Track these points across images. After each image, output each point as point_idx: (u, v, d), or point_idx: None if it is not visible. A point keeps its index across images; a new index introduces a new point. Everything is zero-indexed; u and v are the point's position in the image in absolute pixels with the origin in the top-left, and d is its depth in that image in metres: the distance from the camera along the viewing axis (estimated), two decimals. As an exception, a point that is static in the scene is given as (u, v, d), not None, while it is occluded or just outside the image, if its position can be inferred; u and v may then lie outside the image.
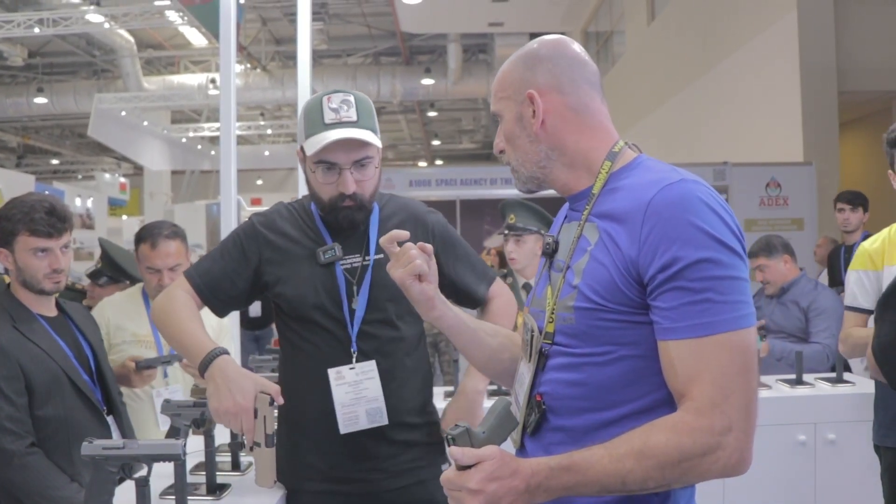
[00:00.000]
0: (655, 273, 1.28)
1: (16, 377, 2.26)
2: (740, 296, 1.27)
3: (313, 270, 2.09)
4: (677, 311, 1.27)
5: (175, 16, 13.57)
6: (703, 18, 10.09)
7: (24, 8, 14.56)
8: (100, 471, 1.82)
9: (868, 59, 7.62)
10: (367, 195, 2.07)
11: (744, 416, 1.24)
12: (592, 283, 1.36)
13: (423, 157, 30.73)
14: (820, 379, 3.79)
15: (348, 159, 2.02)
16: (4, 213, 2.38)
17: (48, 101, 18.87)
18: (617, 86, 14.43)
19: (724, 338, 1.25)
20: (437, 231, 2.20)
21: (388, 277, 2.06)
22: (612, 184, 1.43)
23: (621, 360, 1.35)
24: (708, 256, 1.25)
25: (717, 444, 1.22)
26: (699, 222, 1.27)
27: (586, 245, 1.40)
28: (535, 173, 1.50)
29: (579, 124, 1.46)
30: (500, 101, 1.52)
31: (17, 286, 2.43)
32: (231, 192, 3.88)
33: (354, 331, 2.08)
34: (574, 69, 1.48)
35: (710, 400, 1.23)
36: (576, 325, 1.39)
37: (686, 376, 1.26)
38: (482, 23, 15.91)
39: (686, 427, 1.23)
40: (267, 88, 18.49)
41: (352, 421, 2.06)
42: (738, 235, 1.31)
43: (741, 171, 7.52)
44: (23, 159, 26.45)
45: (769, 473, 3.48)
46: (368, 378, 2.06)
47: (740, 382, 1.24)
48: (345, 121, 2.01)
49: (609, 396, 1.35)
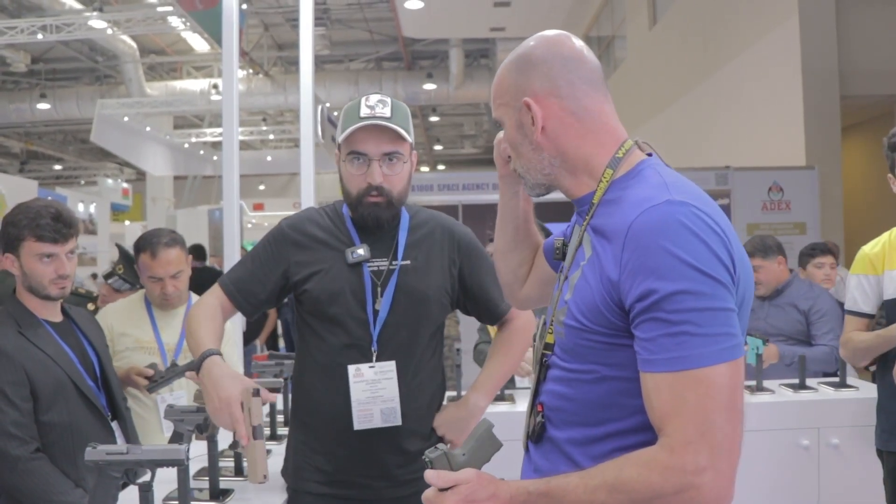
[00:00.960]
0: (634, 302, 1.24)
1: (21, 383, 2.27)
2: (721, 328, 1.20)
3: (341, 270, 2.12)
4: (654, 342, 1.21)
5: (177, 21, 13.60)
6: (705, 23, 10.10)
7: (28, 14, 14.60)
8: (104, 476, 1.83)
9: (870, 63, 7.62)
10: (395, 191, 2.10)
11: (722, 455, 1.17)
12: (580, 302, 1.34)
13: (426, 162, 30.75)
14: (823, 383, 3.79)
15: (377, 150, 2.06)
16: (11, 218, 2.39)
17: (51, 107, 18.93)
18: (618, 91, 14.43)
19: (701, 373, 1.18)
20: (463, 243, 2.24)
21: (414, 284, 2.13)
22: (612, 193, 1.37)
23: (605, 380, 1.32)
24: (685, 288, 1.19)
25: (690, 483, 1.16)
26: (677, 250, 1.20)
27: (581, 259, 1.39)
28: (541, 180, 1.47)
29: (580, 129, 1.41)
30: (500, 107, 1.49)
31: (23, 291, 2.44)
32: (233, 198, 3.89)
33: (376, 331, 2.11)
34: (570, 70, 1.41)
35: (684, 438, 1.17)
36: (566, 341, 1.38)
37: (662, 411, 1.21)
38: (484, 28, 15.93)
39: (658, 465, 1.19)
40: (269, 94, 18.52)
41: (366, 419, 2.09)
42: (725, 262, 1.24)
43: (743, 175, 7.51)
44: (26, 165, 26.50)
45: (772, 478, 3.48)
46: (387, 378, 2.09)
47: (719, 420, 1.18)
48: (378, 115, 2.05)
49: (596, 413, 1.34)
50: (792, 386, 3.77)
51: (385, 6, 15.81)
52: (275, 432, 2.96)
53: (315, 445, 2.14)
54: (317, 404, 2.15)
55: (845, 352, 3.09)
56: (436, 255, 2.19)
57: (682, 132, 11.03)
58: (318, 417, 2.15)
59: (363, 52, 19.43)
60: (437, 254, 2.19)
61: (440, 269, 2.19)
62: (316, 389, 2.14)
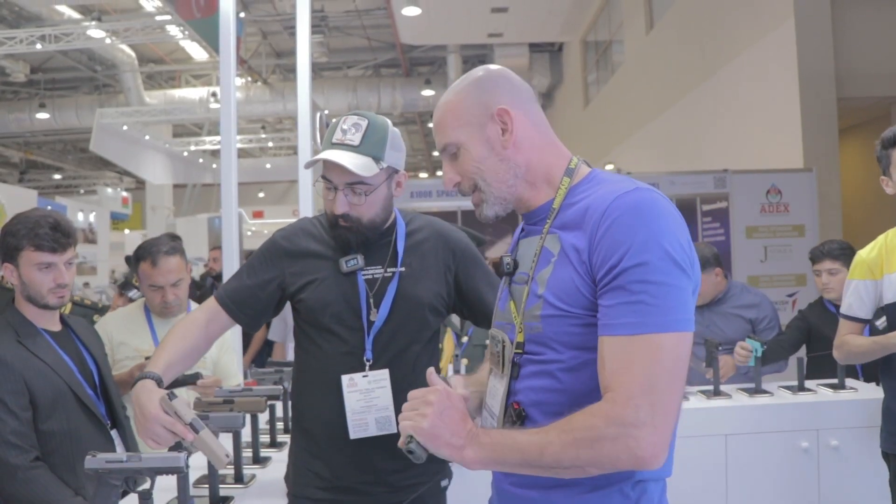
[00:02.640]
0: (603, 274, 1.34)
1: (20, 392, 2.27)
2: (675, 302, 1.30)
3: (336, 279, 2.14)
4: (614, 309, 1.32)
5: (176, 30, 13.63)
6: (702, 27, 10.12)
7: (27, 24, 14.62)
8: (103, 484, 1.83)
9: (867, 65, 7.63)
10: (363, 218, 2.10)
11: (660, 414, 1.26)
12: (557, 290, 1.41)
13: (424, 169, 30.79)
14: (822, 385, 3.79)
15: (340, 180, 2.06)
16: (9, 228, 2.40)
17: (50, 117, 18.95)
18: (616, 95, 14.45)
19: (652, 338, 1.29)
20: (458, 249, 2.25)
21: (409, 290, 2.13)
22: (571, 198, 1.48)
23: (587, 364, 1.39)
24: (647, 260, 1.30)
25: (626, 433, 1.25)
26: (646, 228, 1.32)
27: (549, 256, 1.45)
28: (504, 193, 1.53)
29: (541, 141, 1.53)
30: (456, 129, 1.52)
31: (22, 301, 2.44)
32: (232, 206, 3.90)
33: (370, 339, 2.12)
34: (522, 90, 1.54)
35: (628, 392, 1.27)
36: (543, 333, 1.43)
37: (612, 370, 1.30)
38: (482, 34, 15.97)
39: (601, 413, 1.28)
40: (268, 101, 18.56)
41: (361, 428, 2.10)
42: (685, 247, 1.35)
43: (741, 178, 7.52)
44: (25, 174, 26.53)
45: (772, 480, 3.48)
46: (380, 387, 2.10)
47: (662, 383, 1.27)
48: (346, 143, 2.05)
49: (582, 399, 1.37)
50: (791, 388, 3.77)
51: (383, 13, 15.85)
52: (274, 439, 2.96)
53: (314, 451, 2.15)
54: (314, 412, 2.16)
55: (839, 354, 3.09)
56: (431, 261, 2.20)
57: (680, 135, 11.04)
58: (315, 425, 2.16)
59: (361, 59, 19.47)
60: (432, 260, 2.20)
61: (436, 276, 2.19)
62: (313, 397, 2.16)
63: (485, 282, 2.26)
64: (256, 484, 2.50)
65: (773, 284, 7.25)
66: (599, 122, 15.71)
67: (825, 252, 4.09)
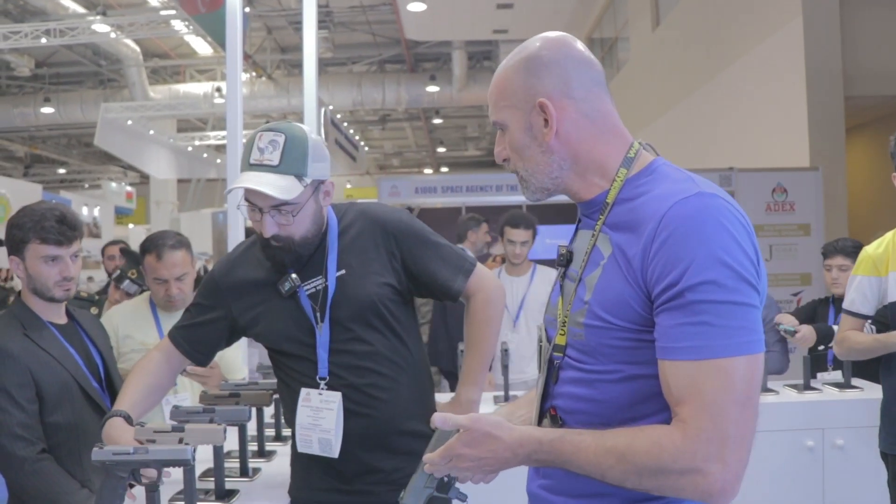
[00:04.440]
0: (661, 291, 1.24)
1: (27, 384, 2.27)
2: (742, 322, 1.21)
3: (282, 304, 2.10)
4: (675, 330, 1.22)
5: (181, 25, 13.64)
6: (708, 24, 10.09)
7: (31, 19, 14.65)
8: (110, 476, 1.83)
9: (874, 64, 7.60)
10: (295, 236, 2.01)
11: (731, 449, 1.19)
12: (603, 300, 1.32)
13: (429, 165, 30.78)
14: (828, 384, 3.79)
15: (265, 204, 1.97)
16: (15, 221, 2.39)
17: (55, 111, 18.98)
18: (622, 92, 14.43)
19: (719, 363, 1.20)
20: (397, 231, 2.13)
21: (349, 293, 2.06)
22: (629, 191, 1.37)
23: (631, 379, 1.32)
24: (712, 279, 1.20)
25: (698, 469, 1.18)
26: (708, 242, 1.22)
27: (599, 258, 1.36)
28: (547, 184, 1.43)
29: (593, 131, 1.39)
30: (504, 109, 1.43)
31: (28, 294, 2.44)
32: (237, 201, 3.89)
33: (322, 356, 2.07)
34: (582, 71, 1.40)
35: (698, 425, 1.19)
36: (586, 342, 1.35)
37: (679, 398, 1.22)
38: (486, 30, 15.94)
39: (670, 443, 1.20)
40: (272, 97, 18.55)
41: (306, 443, 2.08)
42: (752, 258, 1.25)
43: (747, 176, 7.50)
44: (30, 169, 26.57)
45: (777, 479, 3.48)
46: (328, 409, 2.05)
47: (733, 412, 1.19)
48: (265, 163, 1.95)
49: (621, 413, 1.32)
50: (796, 387, 3.77)
51: (388, 9, 15.83)
52: (279, 433, 2.95)
53: (316, 459, 2.12)
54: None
55: (840, 350, 3.09)
56: (372, 254, 2.11)
57: (685, 134, 11.02)
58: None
59: (366, 54, 19.45)
60: (373, 253, 2.11)
61: (380, 267, 2.10)
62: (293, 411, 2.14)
63: (434, 257, 2.15)
64: (261, 477, 2.51)
65: (779, 283, 7.23)
66: (604, 120, 15.63)
67: (838, 248, 4.11)
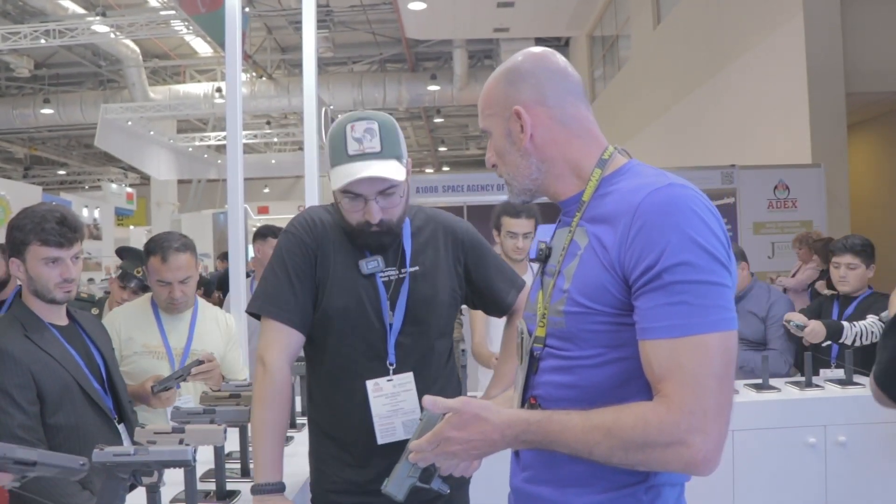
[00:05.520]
0: (639, 275, 1.31)
1: (28, 386, 2.27)
2: (718, 300, 1.28)
3: (358, 281, 2.07)
4: (654, 311, 1.29)
5: (180, 25, 13.64)
6: (710, 21, 10.08)
7: (31, 19, 14.66)
8: (111, 477, 1.83)
9: (875, 61, 7.60)
10: (394, 220, 2.05)
11: (712, 419, 1.25)
12: (582, 286, 1.39)
13: (430, 164, 30.77)
14: (830, 381, 3.78)
15: (372, 191, 1.99)
16: (16, 222, 2.39)
17: (55, 112, 19.00)
18: (623, 90, 14.42)
19: (698, 339, 1.26)
20: (466, 240, 2.21)
21: (423, 290, 2.10)
22: (603, 189, 1.46)
23: (612, 362, 1.38)
24: (687, 260, 1.27)
25: (682, 440, 1.25)
26: (683, 226, 1.29)
27: (576, 249, 1.44)
28: (528, 185, 1.54)
29: (567, 135, 1.50)
30: (488, 118, 1.56)
31: (29, 295, 2.44)
32: (238, 201, 3.88)
33: (392, 343, 2.07)
34: (557, 82, 1.51)
35: (680, 399, 1.25)
36: (566, 329, 1.42)
37: (660, 374, 1.28)
38: (487, 29, 15.94)
39: (655, 416, 1.26)
40: (273, 97, 18.56)
41: (389, 432, 2.06)
42: (724, 243, 1.33)
43: (749, 173, 7.50)
44: (30, 170, 26.58)
45: (779, 476, 3.47)
46: (406, 390, 2.06)
47: (713, 385, 1.25)
48: (368, 152, 1.97)
49: (602, 398, 1.36)
50: (798, 384, 3.76)
51: (388, 8, 15.83)
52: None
53: (346, 459, 2.10)
54: (339, 418, 2.11)
55: None
56: (441, 256, 2.16)
57: (687, 131, 11.02)
58: (344, 432, 2.11)
59: (367, 54, 19.45)
60: (442, 255, 2.16)
61: (447, 271, 2.16)
62: (336, 403, 2.11)
63: (494, 270, 2.24)
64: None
65: (780, 280, 7.22)
66: (605, 118, 15.67)
67: (847, 247, 4.13)
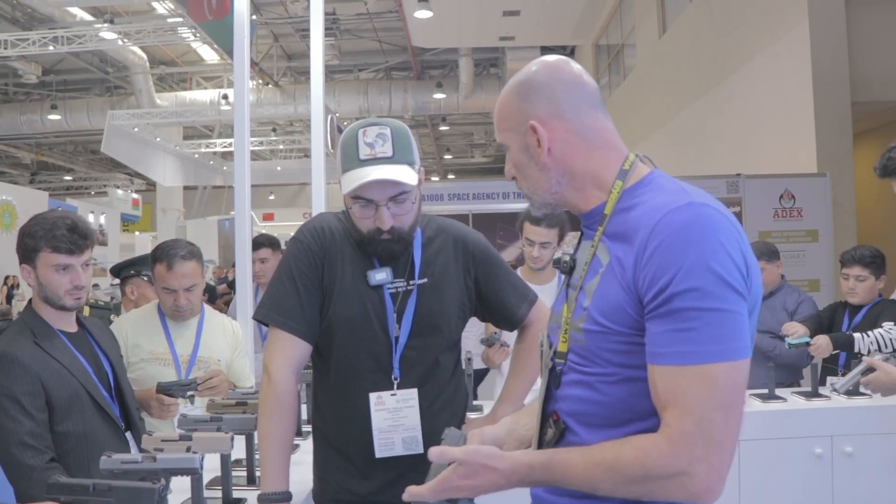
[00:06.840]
0: (651, 298, 1.28)
1: (37, 393, 2.27)
2: (728, 329, 1.25)
3: (365, 292, 2.05)
4: (662, 336, 1.27)
5: (188, 32, 13.69)
6: (715, 30, 10.09)
7: (39, 26, 14.73)
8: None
9: (881, 69, 7.58)
10: (405, 227, 2.03)
11: (715, 451, 1.23)
12: (601, 305, 1.37)
13: (436, 172, 30.79)
14: (836, 391, 3.78)
15: (384, 196, 1.97)
16: (27, 229, 2.40)
17: (62, 118, 19.08)
18: (629, 99, 14.43)
19: (704, 369, 1.24)
20: (477, 252, 2.18)
21: (431, 303, 2.07)
22: (626, 202, 1.42)
23: (627, 381, 1.36)
24: (698, 286, 1.24)
25: (684, 471, 1.23)
26: (698, 250, 1.26)
27: (598, 266, 1.41)
28: (548, 199, 1.51)
29: (586, 147, 1.46)
30: (504, 132, 1.53)
31: (39, 302, 2.44)
32: (245, 208, 3.90)
33: (397, 357, 2.05)
34: (572, 92, 1.46)
35: (682, 429, 1.23)
36: (586, 346, 1.40)
37: (665, 402, 1.27)
38: (493, 37, 15.97)
39: (655, 450, 1.25)
40: (279, 104, 18.63)
41: (387, 447, 2.05)
42: (741, 267, 1.28)
43: (755, 182, 7.48)
44: (36, 176, 26.69)
45: (786, 486, 3.47)
46: (408, 406, 2.04)
47: (717, 416, 1.23)
48: (380, 157, 1.96)
49: (622, 412, 1.36)
50: (804, 394, 3.76)
51: (394, 16, 15.87)
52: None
53: (349, 470, 2.10)
54: (343, 429, 2.10)
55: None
56: (451, 268, 2.13)
57: (692, 140, 11.01)
58: (348, 443, 2.10)
59: (373, 62, 19.50)
60: (452, 267, 2.13)
61: (456, 283, 2.13)
62: (341, 415, 2.10)
63: (505, 282, 2.21)
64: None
65: (786, 290, 7.21)
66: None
67: (857, 258, 4.14)
